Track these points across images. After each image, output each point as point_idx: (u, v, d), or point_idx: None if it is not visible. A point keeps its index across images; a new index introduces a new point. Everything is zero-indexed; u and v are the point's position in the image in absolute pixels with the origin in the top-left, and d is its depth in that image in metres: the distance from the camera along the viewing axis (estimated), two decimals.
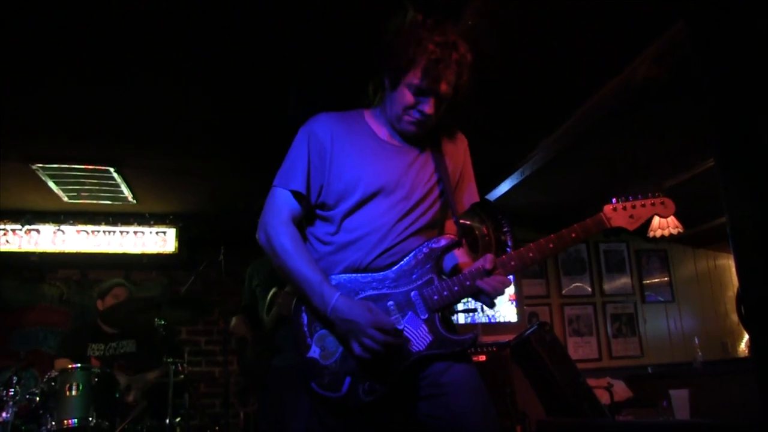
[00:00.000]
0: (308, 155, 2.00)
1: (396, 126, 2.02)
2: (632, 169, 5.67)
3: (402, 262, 1.93)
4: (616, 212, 2.03)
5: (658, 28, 3.52)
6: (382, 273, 1.92)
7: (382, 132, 2.07)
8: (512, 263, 1.96)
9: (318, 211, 2.03)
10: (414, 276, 1.92)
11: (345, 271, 1.93)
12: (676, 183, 5.74)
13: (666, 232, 6.20)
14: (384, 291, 1.91)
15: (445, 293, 1.91)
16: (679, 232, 6.25)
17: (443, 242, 1.98)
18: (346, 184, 1.96)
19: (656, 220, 6.32)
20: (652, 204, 2.06)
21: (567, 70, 4.01)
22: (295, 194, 2.00)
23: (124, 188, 5.67)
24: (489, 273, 1.91)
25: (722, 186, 2.27)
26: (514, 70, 4.02)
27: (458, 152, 2.17)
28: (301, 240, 1.98)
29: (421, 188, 2.00)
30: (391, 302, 1.90)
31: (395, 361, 1.84)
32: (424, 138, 2.09)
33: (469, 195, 2.20)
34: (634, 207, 2.04)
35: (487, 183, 5.88)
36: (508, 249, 5.82)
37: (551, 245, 1.97)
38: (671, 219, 6.18)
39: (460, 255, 2.09)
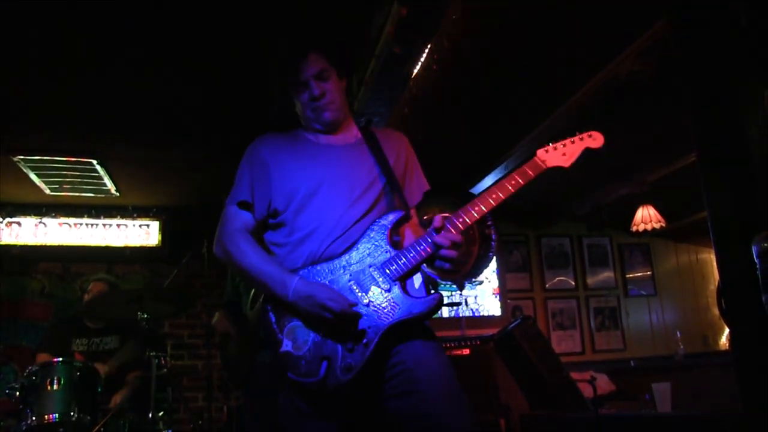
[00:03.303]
0: (251, 172, 2.15)
1: (318, 124, 2.18)
2: (615, 163, 5.70)
3: (357, 244, 2.01)
4: (549, 153, 2.12)
5: (643, 25, 3.54)
6: (338, 258, 2.00)
7: (317, 138, 2.21)
8: (460, 220, 2.00)
9: (271, 221, 2.13)
10: (369, 253, 1.99)
11: (304, 266, 2.00)
12: (658, 178, 5.78)
13: (648, 227, 6.25)
14: (344, 273, 1.98)
15: (402, 261, 1.97)
16: (661, 227, 6.31)
17: (391, 216, 2.06)
18: (291, 187, 2.08)
19: (639, 214, 6.38)
20: (581, 139, 2.19)
21: (551, 65, 4.02)
22: (243, 204, 2.12)
23: (107, 180, 5.63)
24: (438, 232, 1.97)
25: (703, 180, 2.29)
26: (499, 65, 4.03)
27: (397, 146, 2.26)
28: (255, 242, 2.09)
29: (363, 178, 2.10)
30: (352, 282, 1.96)
31: (367, 336, 1.88)
32: (359, 137, 2.24)
33: (418, 184, 2.28)
34: (564, 145, 2.15)
35: (471, 177, 5.89)
36: (493, 243, 5.84)
37: (494, 195, 2.02)
38: (654, 213, 6.24)
39: (415, 231, 2.15)
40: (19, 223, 6.23)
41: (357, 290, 1.94)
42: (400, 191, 2.14)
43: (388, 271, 1.96)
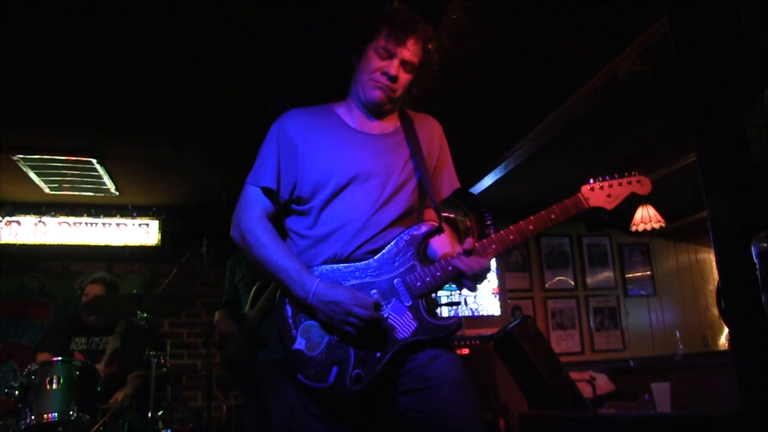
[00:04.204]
0: (278, 152, 2.03)
1: (363, 99, 2.04)
2: (614, 162, 5.69)
3: (384, 251, 1.94)
4: (594, 192, 2.05)
5: (643, 23, 3.54)
6: (364, 262, 1.93)
7: (353, 122, 2.09)
8: (493, 246, 1.95)
9: (294, 207, 2.05)
10: (396, 263, 1.92)
11: (326, 263, 1.94)
12: (658, 177, 5.78)
13: (648, 227, 6.25)
14: (367, 280, 1.91)
15: (428, 279, 1.91)
16: (661, 227, 6.30)
17: (424, 229, 1.98)
18: (319, 176, 1.97)
19: (638, 214, 6.38)
20: (629, 183, 2.11)
21: (551, 64, 4.01)
22: (266, 191, 2.02)
23: (106, 180, 5.63)
24: (468, 254, 1.91)
25: (702, 180, 2.29)
26: (499, 65, 4.02)
27: (433, 138, 2.17)
28: (275, 232, 1.99)
29: (396, 175, 2.01)
30: (374, 290, 1.90)
31: (381, 349, 1.85)
32: (398, 125, 2.12)
33: (449, 181, 2.21)
34: (611, 186, 2.08)
35: (471, 176, 5.89)
36: None
37: (531, 227, 1.98)
38: (653, 213, 6.23)
39: (448, 243, 2.09)
40: (18, 222, 6.23)
41: (379, 300, 1.88)
42: (432, 191, 2.05)
43: (411, 286, 1.90)
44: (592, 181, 2.07)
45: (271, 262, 1.92)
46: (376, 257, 1.94)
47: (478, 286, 1.97)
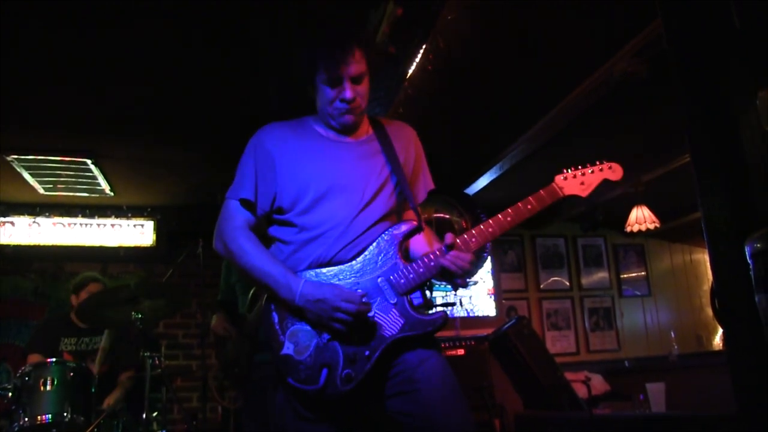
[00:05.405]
0: (255, 165, 2.07)
1: (332, 124, 2.08)
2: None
3: (366, 252, 1.97)
4: (567, 181, 2.11)
5: (638, 25, 3.55)
6: (347, 264, 1.96)
7: (327, 133, 2.12)
8: (473, 240, 1.99)
9: (276, 216, 2.07)
10: (379, 263, 1.96)
11: (310, 267, 1.97)
12: (653, 178, 5.80)
13: (643, 227, 6.26)
14: (351, 280, 1.94)
15: (411, 275, 1.94)
16: (655, 227, 6.32)
17: (404, 228, 2.02)
18: (298, 186, 2.01)
19: (633, 214, 6.39)
20: (600, 170, 2.16)
21: (546, 65, 4.02)
22: (245, 202, 2.05)
23: (101, 180, 5.61)
24: (449, 249, 1.94)
25: (697, 181, 2.30)
26: (494, 65, 4.03)
27: (408, 143, 2.21)
28: (258, 241, 2.03)
29: (374, 180, 2.05)
30: (359, 290, 1.91)
31: (369, 347, 1.87)
32: (371, 133, 2.16)
33: (425, 184, 2.25)
34: (584, 174, 2.14)
35: (466, 177, 5.89)
36: (487, 243, 5.83)
37: (509, 218, 2.02)
38: (648, 214, 6.25)
39: (428, 242, 2.13)
40: (12, 223, 6.20)
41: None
42: (411, 194, 2.10)
43: (395, 283, 1.93)
44: (565, 170, 2.13)
45: (255, 268, 1.95)
46: (358, 258, 1.97)
47: (468, 281, 1.99)
